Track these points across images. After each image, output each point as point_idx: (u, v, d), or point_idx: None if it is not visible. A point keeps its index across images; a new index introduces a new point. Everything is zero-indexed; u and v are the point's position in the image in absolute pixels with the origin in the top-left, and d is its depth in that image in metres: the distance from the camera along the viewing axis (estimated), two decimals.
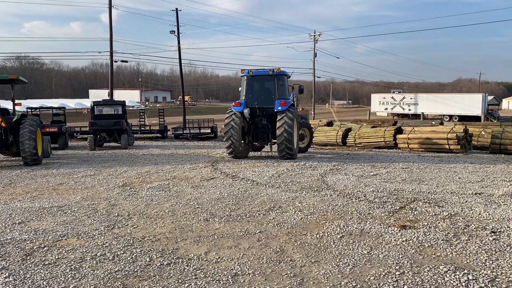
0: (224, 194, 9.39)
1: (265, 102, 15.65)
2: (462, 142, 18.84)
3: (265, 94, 15.94)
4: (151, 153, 18.35)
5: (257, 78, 16.08)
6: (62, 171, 13.05)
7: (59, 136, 21.11)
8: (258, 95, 15.92)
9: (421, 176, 11.55)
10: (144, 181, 11.22)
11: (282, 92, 15.76)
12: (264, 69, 16.00)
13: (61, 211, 8.09)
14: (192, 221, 7.31)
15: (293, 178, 11.25)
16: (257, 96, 15.89)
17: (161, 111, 30.28)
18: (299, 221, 7.21)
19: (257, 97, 15.82)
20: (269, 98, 15.70)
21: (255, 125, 15.99)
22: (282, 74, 15.87)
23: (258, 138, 16.17)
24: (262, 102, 15.68)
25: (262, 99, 15.75)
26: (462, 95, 60.56)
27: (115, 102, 22.70)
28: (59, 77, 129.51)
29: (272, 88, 15.84)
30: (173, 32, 37.16)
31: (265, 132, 15.87)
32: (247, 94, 15.92)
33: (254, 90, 16.06)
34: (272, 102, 15.41)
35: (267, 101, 15.64)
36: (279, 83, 15.77)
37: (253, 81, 16.07)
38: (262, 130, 15.90)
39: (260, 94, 15.96)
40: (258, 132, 16.03)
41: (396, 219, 7.29)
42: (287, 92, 16.08)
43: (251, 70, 16.01)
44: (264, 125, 15.78)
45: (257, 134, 16.09)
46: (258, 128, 15.96)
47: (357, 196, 8.98)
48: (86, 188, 10.28)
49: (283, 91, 15.87)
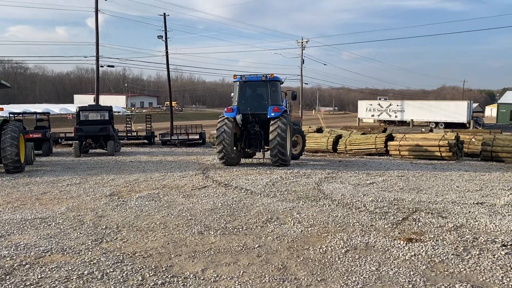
0: (218, 204, 8.96)
1: (258, 108, 15.29)
2: (453, 150, 18.73)
3: (258, 100, 15.57)
4: (139, 160, 17.82)
5: (250, 84, 15.72)
6: (46, 179, 12.47)
7: (43, 142, 20.45)
8: (251, 101, 15.56)
9: (419, 185, 11.27)
10: (133, 190, 10.73)
11: (275, 98, 15.43)
12: (257, 75, 15.65)
13: (45, 223, 7.59)
14: (185, 234, 6.87)
15: (288, 187, 10.87)
16: (249, 102, 15.52)
17: (148, 117, 29.68)
18: (299, 234, 6.83)
19: (249, 103, 15.45)
20: (262, 104, 15.34)
21: (248, 132, 15.58)
22: (275, 80, 15.56)
23: (250, 145, 15.80)
24: (255, 108, 15.32)
25: (255, 105, 15.39)
26: (448, 102, 61.09)
27: (102, 108, 22.08)
28: (43, 82, 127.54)
29: (265, 94, 15.51)
30: (160, 37, 36.64)
31: (258, 138, 15.49)
32: (240, 100, 15.52)
33: (246, 96, 15.69)
34: (265, 108, 15.07)
35: (260, 107, 15.28)
36: (272, 89, 15.45)
37: (245, 86, 15.71)
38: (255, 136, 15.52)
39: (253, 100, 15.59)
40: (251, 139, 15.64)
41: (400, 231, 6.95)
42: (280, 98, 15.75)
43: (243, 76, 15.64)
44: (256, 132, 15.40)
45: (249, 140, 15.69)
46: (251, 134, 15.57)
47: (357, 206, 8.63)
48: (71, 198, 9.75)
49: (276, 97, 15.54)
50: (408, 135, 21.49)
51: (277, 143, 14.22)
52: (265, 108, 15.02)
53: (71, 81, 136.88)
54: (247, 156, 17.61)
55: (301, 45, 58.89)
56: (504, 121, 68.97)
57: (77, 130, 20.49)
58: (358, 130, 28.86)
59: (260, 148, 15.83)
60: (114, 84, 79.29)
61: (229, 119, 14.75)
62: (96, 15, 32.49)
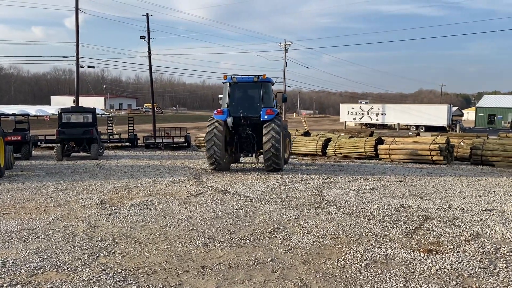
0: (218, 212, 8.47)
1: (250, 110, 14.53)
2: (444, 153, 18.65)
3: (249, 102, 14.77)
4: (125, 164, 17.14)
5: (241, 85, 14.91)
6: (29, 185, 11.76)
7: (23, 145, 19.49)
8: (242, 103, 14.73)
9: (420, 190, 11.00)
10: (124, 197, 10.15)
11: (267, 100, 14.71)
12: (249, 76, 14.94)
13: (33, 235, 6.98)
14: (189, 246, 6.38)
15: (288, 193, 10.45)
16: (240, 104, 14.68)
17: (130, 119, 28.79)
18: (311, 245, 6.41)
19: (240, 105, 14.63)
20: (253, 107, 14.58)
21: (239, 135, 14.78)
22: (267, 81, 14.94)
23: (242, 149, 15.05)
24: (246, 110, 14.53)
25: (246, 107, 14.59)
26: (428, 106, 61.86)
27: (85, 109, 21.22)
28: (19, 83, 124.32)
29: (257, 96, 14.74)
30: (143, 37, 35.76)
31: (250, 142, 14.73)
32: (230, 101, 14.67)
33: (237, 97, 14.84)
34: (257, 110, 14.38)
35: (251, 110, 14.53)
36: (264, 91, 14.74)
37: (236, 88, 14.88)
38: (247, 140, 14.72)
39: (244, 102, 14.76)
40: (242, 143, 14.85)
41: (417, 241, 6.60)
42: (272, 100, 15.05)
43: (234, 76, 14.82)
44: (248, 135, 14.60)
45: (241, 144, 14.91)
46: (242, 138, 14.76)
47: (364, 214, 8.27)
48: (59, 206, 9.12)
49: (268, 99, 14.82)
50: (398, 138, 21.35)
51: (271, 146, 13.52)
52: (257, 111, 14.35)
53: (47, 82, 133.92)
54: (235, 161, 16.90)
55: (284, 47, 58.83)
56: (482, 124, 70.24)
57: (59, 132, 19.57)
58: (346, 134, 28.66)
59: (252, 152, 15.12)
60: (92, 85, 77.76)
61: (220, 122, 13.95)
62: (77, 14, 31.54)
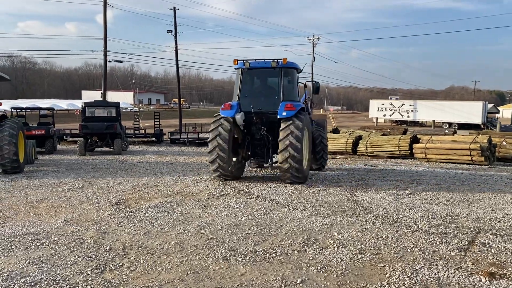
0: (241, 218, 7.66)
1: (266, 104, 11.62)
2: (486, 154, 17.36)
3: (266, 94, 11.89)
4: (148, 161, 16.57)
5: (256, 72, 11.95)
6: (45, 182, 11.25)
7: (46, 140, 19.24)
8: (257, 95, 11.89)
9: (465, 195, 9.90)
10: (142, 197, 9.47)
11: (289, 91, 11.74)
12: (265, 60, 11.77)
13: (37, 240, 6.34)
14: (207, 260, 5.58)
15: (318, 197, 9.55)
16: (254, 96, 11.83)
17: (156, 114, 28.38)
18: (348, 263, 5.51)
19: (254, 98, 11.77)
20: (271, 100, 11.61)
21: (252, 136, 11.96)
22: (289, 67, 11.80)
23: (255, 154, 12.13)
24: (262, 104, 11.64)
25: (262, 101, 11.72)
26: (462, 102, 59.47)
27: (109, 104, 20.81)
28: (52, 78, 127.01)
29: (276, 86, 11.75)
30: (170, 31, 35.39)
31: (265, 145, 11.84)
32: (242, 93, 11.82)
33: (251, 88, 12.01)
34: (275, 105, 11.37)
35: (268, 104, 11.60)
36: (285, 79, 11.72)
37: (250, 75, 12.00)
38: (261, 143, 11.88)
39: (259, 94, 11.93)
40: (256, 145, 11.98)
41: (473, 260, 5.61)
42: (296, 92, 12.15)
43: (247, 61, 11.87)
44: (263, 136, 11.76)
45: (254, 147, 12.03)
46: (256, 140, 11.92)
47: (407, 224, 7.29)
48: (71, 207, 8.50)
49: (291, 90, 11.87)
50: (435, 137, 20.05)
51: (288, 155, 10.61)
52: (275, 105, 11.33)
53: (79, 77, 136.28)
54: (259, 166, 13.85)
55: (313, 42, 57.53)
56: None
57: (82, 127, 19.20)
58: (377, 131, 27.42)
59: (267, 159, 11.99)
60: (121, 80, 78.46)
61: (227, 119, 11.30)
62: (105, 8, 31.36)
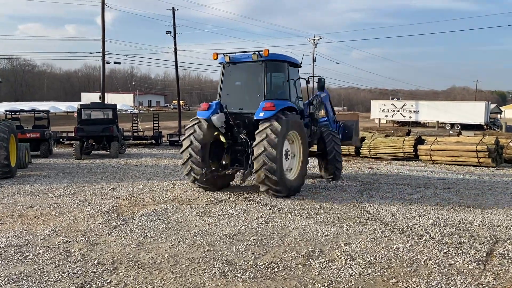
0: (240, 226, 7.18)
1: (247, 104, 10.17)
2: (493, 155, 16.88)
3: (248, 92, 10.39)
4: (145, 164, 16.09)
5: (238, 67, 10.41)
6: (36, 188, 10.77)
7: (42, 143, 18.73)
8: (238, 93, 10.51)
9: (477, 200, 9.42)
10: (136, 204, 8.98)
11: (276, 88, 10.28)
12: (247, 53, 10.17)
13: (20, 253, 5.86)
14: (203, 276, 5.10)
15: (322, 203, 9.05)
16: (236, 94, 10.47)
17: (155, 116, 27.95)
18: (357, 278, 5.03)
19: (236, 97, 10.41)
20: (252, 98, 10.03)
21: (233, 140, 10.54)
22: (276, 60, 10.16)
23: (235, 160, 10.51)
24: (243, 104, 10.24)
25: (244, 100, 10.32)
26: (465, 103, 58.99)
27: (105, 106, 20.35)
28: (51, 80, 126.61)
29: (259, 82, 10.10)
30: (169, 32, 34.97)
31: (244, 151, 10.21)
32: (223, 91, 10.53)
33: (233, 85, 10.56)
34: (257, 104, 9.72)
35: (249, 103, 10.07)
36: (270, 75, 10.12)
37: (232, 71, 10.49)
38: (241, 148, 10.32)
39: (241, 92, 10.54)
40: (236, 151, 10.47)
41: (494, 275, 5.13)
42: (288, 89, 10.33)
43: (227, 54, 10.40)
44: (242, 141, 10.23)
45: (234, 153, 10.51)
46: (236, 145, 10.46)
47: (418, 233, 6.81)
48: (61, 215, 8.02)
49: (279, 87, 10.37)
50: (440, 138, 19.57)
51: (263, 163, 9.08)
52: (257, 105, 9.70)
53: (78, 79, 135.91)
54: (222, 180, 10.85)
55: (313, 42, 57.07)
56: None
57: (78, 130, 18.70)
58: (380, 132, 26.92)
59: (246, 167, 10.07)
60: (121, 82, 78.08)
61: (203, 122, 9.99)
62: (103, 9, 30.93)
